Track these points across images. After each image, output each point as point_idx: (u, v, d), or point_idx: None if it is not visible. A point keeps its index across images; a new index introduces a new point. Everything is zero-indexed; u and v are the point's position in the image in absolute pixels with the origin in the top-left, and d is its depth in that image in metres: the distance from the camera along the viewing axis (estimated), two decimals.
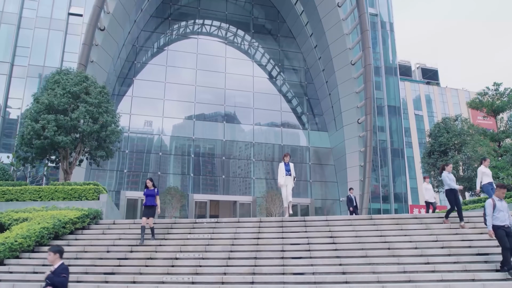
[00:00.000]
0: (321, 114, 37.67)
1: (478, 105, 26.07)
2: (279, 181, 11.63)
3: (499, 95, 25.70)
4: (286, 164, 11.66)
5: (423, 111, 51.46)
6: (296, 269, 8.33)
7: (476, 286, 7.30)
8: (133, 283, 8.04)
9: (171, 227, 10.85)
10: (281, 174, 11.60)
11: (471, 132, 20.52)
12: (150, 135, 33.18)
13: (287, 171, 11.61)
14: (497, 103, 25.27)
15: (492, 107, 25.27)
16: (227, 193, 33.23)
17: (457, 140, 20.07)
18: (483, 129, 25.58)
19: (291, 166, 11.82)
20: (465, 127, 20.87)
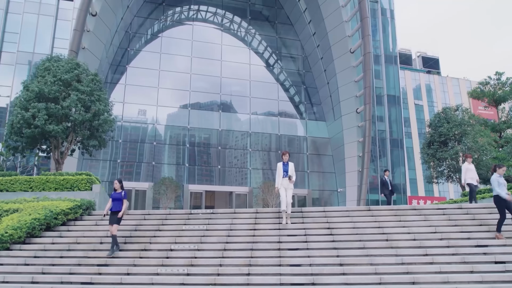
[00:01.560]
0: (319, 104, 37.62)
1: (479, 95, 26.14)
2: (277, 183, 10.50)
3: (501, 85, 25.75)
4: (284, 164, 10.63)
5: (423, 100, 51.51)
6: (292, 260, 8.39)
7: (475, 277, 7.38)
8: (127, 275, 8.07)
9: (166, 218, 10.86)
10: (279, 176, 10.52)
11: (471, 123, 20.59)
12: (144, 124, 33.04)
13: (286, 171, 10.54)
14: (498, 92, 25.34)
15: (493, 97, 25.35)
16: (223, 184, 33.29)
17: (458, 130, 20.13)
18: (484, 120, 25.68)
19: (290, 167, 10.63)
20: (465, 117, 20.93)
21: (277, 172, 10.59)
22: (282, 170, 10.49)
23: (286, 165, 10.58)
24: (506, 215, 8.86)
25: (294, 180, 10.47)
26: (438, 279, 7.38)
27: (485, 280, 7.30)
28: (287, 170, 10.51)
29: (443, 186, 42.25)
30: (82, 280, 7.78)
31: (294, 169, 10.68)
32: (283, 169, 10.50)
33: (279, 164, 10.66)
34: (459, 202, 16.51)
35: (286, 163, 10.59)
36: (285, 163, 10.59)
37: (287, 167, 10.55)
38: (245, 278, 7.72)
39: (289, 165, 10.60)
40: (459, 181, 20.58)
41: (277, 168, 10.65)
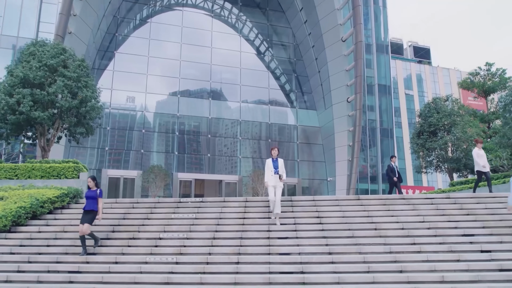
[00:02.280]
0: (310, 92, 37.61)
1: (469, 85, 26.36)
2: (266, 180, 9.85)
3: (491, 76, 26.00)
4: (274, 160, 9.97)
5: (413, 90, 51.86)
6: (282, 249, 8.45)
7: (461, 266, 7.53)
8: (115, 263, 8.05)
9: (155, 207, 10.82)
10: (268, 173, 9.85)
11: (461, 113, 20.82)
12: (132, 111, 32.70)
13: (275, 168, 9.84)
14: (488, 83, 25.58)
15: (483, 88, 25.60)
16: (212, 172, 33.27)
17: (447, 120, 20.35)
18: (473, 110, 25.97)
19: (280, 163, 9.97)
20: (455, 108, 21.14)
21: (266, 169, 9.95)
22: (272, 167, 9.85)
23: (276, 162, 9.96)
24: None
25: (285, 179, 9.89)
26: (426, 268, 7.51)
27: (471, 268, 7.45)
28: (276, 166, 9.87)
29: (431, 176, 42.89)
30: (69, 269, 7.75)
31: (284, 166, 10.09)
32: (273, 166, 9.86)
33: (268, 160, 10.05)
34: (447, 191, 16.78)
35: (275, 159, 9.99)
36: (274, 159, 9.99)
37: (276, 164, 9.92)
38: (234, 267, 7.76)
39: (279, 162, 9.96)
40: (447, 171, 20.89)
41: (266, 164, 10.01)
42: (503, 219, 9.43)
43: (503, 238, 8.54)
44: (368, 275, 7.34)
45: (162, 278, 7.38)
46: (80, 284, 7.35)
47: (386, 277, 7.28)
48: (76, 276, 7.53)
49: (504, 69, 25.66)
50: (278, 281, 7.23)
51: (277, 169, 9.81)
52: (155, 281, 7.34)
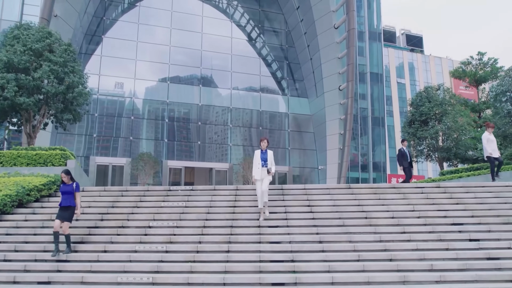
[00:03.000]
0: (302, 80, 37.55)
1: (461, 74, 26.54)
2: (254, 173, 9.33)
3: (483, 65, 26.18)
4: (262, 152, 9.43)
5: (405, 79, 52.12)
6: (272, 237, 8.49)
7: (449, 255, 7.66)
8: (104, 252, 8.02)
9: (144, 195, 10.77)
10: (256, 165, 9.33)
11: (452, 102, 20.99)
12: (121, 97, 32.35)
13: (264, 161, 9.33)
14: (480, 73, 25.77)
15: (474, 77, 25.79)
16: (202, 160, 33.25)
17: (438, 110, 20.51)
18: (464, 99, 26.21)
19: (269, 156, 9.43)
20: (446, 97, 21.30)
21: (254, 161, 9.40)
22: (260, 159, 9.33)
23: (265, 154, 9.41)
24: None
25: (273, 172, 9.36)
26: (415, 256, 7.63)
27: (459, 257, 7.58)
28: (265, 159, 9.34)
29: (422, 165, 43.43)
30: (57, 258, 7.69)
31: (273, 159, 9.55)
32: (261, 158, 9.35)
33: (256, 152, 9.52)
34: (437, 180, 17.00)
35: (264, 151, 9.43)
36: (263, 151, 9.44)
37: (265, 156, 9.37)
38: (225, 255, 7.79)
39: (268, 154, 9.41)
40: (438, 160, 21.15)
41: (254, 156, 9.46)
42: (491, 208, 9.60)
43: (491, 227, 8.69)
44: (358, 264, 7.43)
45: (152, 266, 7.38)
46: (69, 273, 7.32)
47: (376, 266, 7.37)
48: (64, 265, 7.49)
49: (495, 59, 25.86)
50: (268, 270, 7.28)
51: (265, 162, 9.29)
52: (144, 269, 7.34)
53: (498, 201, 10.09)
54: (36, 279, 7.05)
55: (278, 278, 7.04)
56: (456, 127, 19.91)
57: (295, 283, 6.94)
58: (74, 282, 7.03)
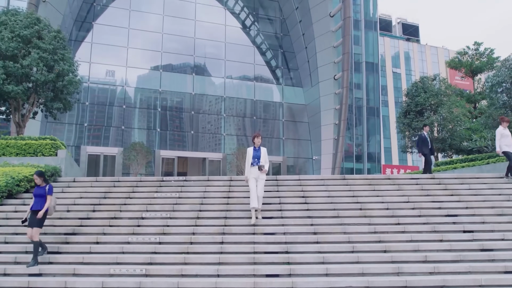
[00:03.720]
0: (297, 69, 37.41)
1: (457, 64, 26.59)
2: (246, 172, 8.87)
3: (479, 55, 26.24)
4: (255, 149, 8.90)
5: (401, 69, 52.17)
6: (267, 229, 8.52)
7: (444, 246, 7.75)
8: (97, 243, 8.01)
9: (137, 186, 10.74)
10: (249, 163, 8.81)
11: (448, 93, 21.07)
12: (112, 86, 32.02)
13: (257, 158, 8.79)
14: (476, 63, 25.84)
15: (470, 68, 25.87)
16: (195, 150, 33.17)
17: (434, 100, 20.59)
18: (460, 90, 26.33)
19: (263, 153, 8.91)
20: (442, 87, 21.36)
21: (247, 158, 8.91)
22: (252, 157, 8.81)
23: (258, 151, 8.90)
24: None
25: (267, 170, 8.83)
26: (409, 248, 7.71)
27: (453, 248, 7.68)
28: (258, 156, 8.83)
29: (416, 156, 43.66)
30: (48, 250, 7.66)
31: (267, 156, 9.06)
32: (253, 156, 8.83)
33: (249, 149, 9.01)
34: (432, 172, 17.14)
35: (257, 148, 8.92)
36: (256, 148, 8.92)
37: (258, 153, 8.86)
38: (219, 247, 7.81)
39: (261, 151, 8.91)
40: None
41: (247, 153, 8.98)
42: (486, 200, 9.71)
43: (485, 218, 8.80)
44: (353, 255, 7.50)
45: (145, 258, 7.39)
46: (60, 265, 7.30)
47: (370, 257, 7.45)
48: (55, 257, 7.47)
49: (492, 49, 25.94)
50: (263, 261, 7.32)
51: (259, 160, 8.79)
52: (137, 261, 7.34)
53: (492, 192, 10.21)
54: (27, 271, 7.02)
55: (273, 269, 7.08)
56: (451, 118, 20.04)
57: (289, 274, 7.00)
58: (66, 274, 7.02)
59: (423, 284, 6.62)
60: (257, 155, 8.86)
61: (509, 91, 16.32)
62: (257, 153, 8.88)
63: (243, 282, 6.70)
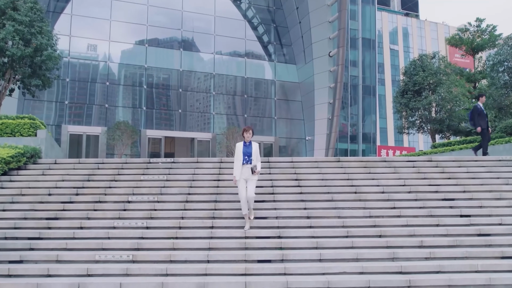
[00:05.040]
0: (290, 45, 37.07)
1: (457, 42, 26.51)
2: (235, 173, 8.00)
3: (480, 32, 26.16)
4: (246, 145, 8.06)
5: (399, 45, 51.95)
6: (258, 213, 8.56)
7: (440, 231, 7.87)
8: (81, 228, 7.98)
9: (122, 167, 10.66)
10: (238, 162, 7.99)
11: (447, 72, 21.09)
12: (94, 61, 31.46)
13: (248, 156, 7.99)
14: (477, 41, 25.78)
15: (471, 45, 25.81)
16: (183, 129, 33.02)
17: (433, 79, 20.61)
18: (460, 69, 26.32)
19: (255, 149, 8.07)
20: (442, 66, 21.36)
21: (236, 156, 8.06)
22: (242, 154, 7.96)
23: (249, 147, 8.04)
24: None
25: (259, 171, 8.09)
26: (405, 232, 7.82)
27: (449, 233, 7.80)
28: (249, 153, 7.98)
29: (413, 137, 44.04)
30: (29, 235, 7.63)
31: (259, 153, 8.24)
32: (243, 153, 7.97)
33: (238, 144, 8.12)
34: (429, 153, 17.31)
35: (248, 144, 8.07)
36: (247, 144, 8.06)
37: (249, 150, 8.01)
38: (209, 231, 7.84)
39: (252, 147, 8.06)
40: (430, 132, 21.46)
41: (236, 150, 8.09)
42: (484, 184, 9.84)
43: (483, 202, 8.93)
44: (347, 240, 7.59)
45: (132, 243, 7.39)
46: (42, 251, 7.28)
47: (365, 242, 7.54)
48: (37, 243, 7.43)
49: (494, 26, 25.85)
50: (254, 246, 7.38)
51: (250, 158, 7.97)
52: (124, 247, 7.35)
53: (490, 176, 10.35)
54: (7, 258, 6.98)
55: (265, 254, 7.15)
56: (450, 98, 20.13)
57: (282, 260, 7.07)
58: (49, 261, 7.00)
59: (419, 269, 6.75)
60: (247, 151, 8.01)
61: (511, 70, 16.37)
62: (247, 150, 8.02)
63: (234, 268, 6.76)
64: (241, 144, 8.10)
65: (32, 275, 6.61)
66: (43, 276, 6.62)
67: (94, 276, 6.64)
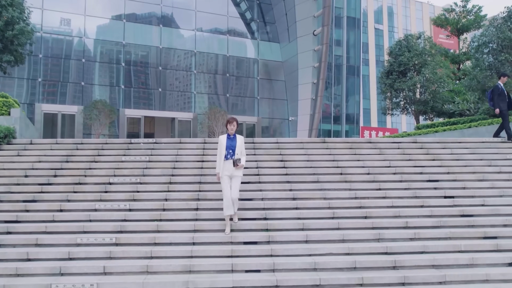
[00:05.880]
0: (273, 23, 36.71)
1: (443, 22, 26.70)
2: (217, 168, 7.52)
3: (466, 13, 26.39)
4: (230, 138, 7.54)
5: (383, 25, 52.06)
6: (244, 194, 8.59)
7: (424, 212, 8.08)
8: (60, 211, 7.88)
9: (102, 148, 10.50)
10: (221, 156, 7.46)
11: (432, 52, 21.28)
12: (69, 36, 30.51)
13: (231, 150, 7.44)
14: (463, 21, 26.02)
15: (457, 26, 26.05)
16: (163, 109, 32.61)
17: (418, 60, 20.78)
18: (445, 50, 26.60)
19: (239, 143, 7.55)
20: (427, 47, 21.53)
21: (219, 149, 7.52)
22: (226, 148, 7.42)
23: (233, 140, 7.52)
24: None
25: (243, 165, 7.56)
26: (390, 214, 8.00)
27: (434, 214, 8.02)
28: (233, 147, 7.45)
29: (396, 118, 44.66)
30: (6, 219, 7.49)
31: (244, 146, 7.72)
32: (227, 146, 7.42)
33: (221, 137, 7.60)
34: (413, 135, 17.61)
35: (232, 137, 7.55)
36: (231, 136, 7.55)
37: (234, 143, 7.48)
38: (194, 213, 7.86)
39: (237, 140, 7.54)
40: (414, 113, 21.77)
41: (219, 143, 7.55)
42: (467, 165, 10.10)
43: (466, 184, 9.18)
44: (333, 221, 7.72)
45: (115, 226, 7.35)
46: (20, 235, 7.18)
47: (351, 223, 7.70)
48: (14, 226, 7.32)
49: (480, 6, 26.09)
50: (240, 228, 7.43)
51: (234, 152, 7.44)
52: (106, 230, 7.30)
53: (474, 157, 10.61)
54: None
55: (251, 236, 7.22)
56: (435, 79, 20.37)
57: (268, 241, 7.15)
58: (28, 245, 6.92)
59: (404, 250, 6.94)
60: (231, 145, 7.45)
61: (495, 52, 16.64)
62: (231, 143, 7.47)
63: (221, 250, 6.82)
64: (225, 137, 7.57)
65: (11, 259, 6.54)
66: (23, 260, 6.56)
67: (76, 259, 6.61)
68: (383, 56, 33.30)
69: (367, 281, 6.18)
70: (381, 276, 6.25)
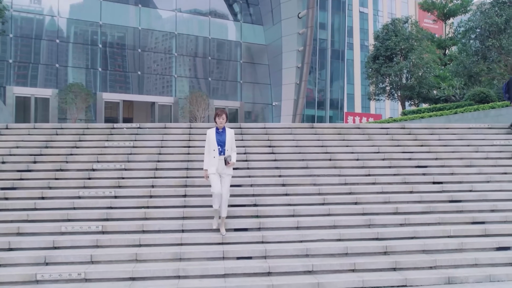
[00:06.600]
0: (257, 4, 36.40)
1: (430, 6, 26.98)
2: (205, 165, 7.08)
3: None
4: (219, 132, 7.06)
5: (368, 8, 52.20)
6: (233, 180, 8.53)
7: (414, 197, 8.28)
8: (42, 199, 7.76)
9: (84, 133, 10.32)
10: (209, 152, 7.02)
11: (419, 37, 21.51)
12: (41, 15, 29.63)
13: (220, 145, 6.99)
14: (449, 5, 26.33)
15: (444, 10, 26.35)
16: (143, 93, 32.18)
17: (405, 45, 20.99)
18: (431, 34, 26.92)
19: (229, 136, 7.07)
20: (414, 31, 21.75)
21: (206, 145, 7.07)
22: (216, 143, 6.96)
23: (222, 134, 7.03)
24: None
25: (234, 163, 7.07)
26: (380, 199, 8.17)
27: (423, 200, 8.22)
28: (223, 142, 6.98)
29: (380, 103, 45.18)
30: None
31: (234, 141, 7.22)
32: (216, 141, 6.96)
33: (209, 131, 7.09)
34: (399, 120, 17.89)
35: (221, 131, 7.07)
36: (219, 131, 7.06)
37: (223, 137, 7.01)
38: (182, 200, 7.85)
39: (226, 134, 7.05)
40: (400, 98, 22.07)
41: (207, 138, 7.07)
42: (455, 151, 10.34)
43: (454, 169, 9.42)
44: (324, 207, 7.84)
45: (100, 214, 7.29)
46: (0, 223, 7.05)
47: (341, 209, 7.83)
48: None
49: None
50: (230, 215, 7.45)
51: (223, 146, 6.99)
52: (92, 217, 7.24)
53: (461, 143, 10.87)
54: None
55: (241, 223, 7.28)
56: (421, 64, 20.65)
57: (258, 228, 7.23)
58: (9, 234, 6.80)
59: (394, 235, 7.13)
60: (221, 140, 6.99)
61: (482, 37, 16.93)
62: (220, 138, 7.00)
63: (211, 237, 6.86)
64: (213, 130, 7.07)
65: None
66: (4, 250, 6.45)
67: (62, 248, 6.55)
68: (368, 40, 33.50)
69: (359, 267, 6.34)
70: (372, 262, 6.41)
